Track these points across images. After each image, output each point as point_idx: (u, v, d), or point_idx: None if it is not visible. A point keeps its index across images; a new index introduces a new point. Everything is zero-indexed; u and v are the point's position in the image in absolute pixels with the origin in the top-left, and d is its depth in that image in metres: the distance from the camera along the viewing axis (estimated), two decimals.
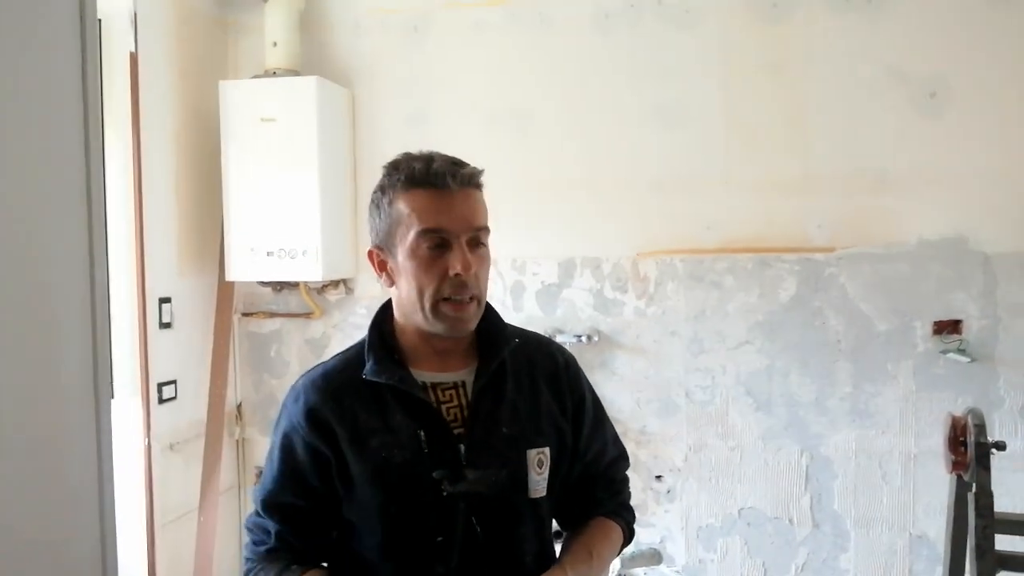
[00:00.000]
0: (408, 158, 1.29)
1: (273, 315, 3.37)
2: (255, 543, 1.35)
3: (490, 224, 1.33)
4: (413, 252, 1.25)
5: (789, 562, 3.01)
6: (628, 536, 1.46)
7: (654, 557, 2.31)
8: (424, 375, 1.31)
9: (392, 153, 1.35)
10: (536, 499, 1.30)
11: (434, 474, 1.24)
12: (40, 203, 1.24)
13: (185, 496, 3.08)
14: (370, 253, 1.34)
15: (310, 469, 1.29)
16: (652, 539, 3.07)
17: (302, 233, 3.01)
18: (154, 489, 2.85)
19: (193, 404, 3.14)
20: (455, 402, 1.30)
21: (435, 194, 1.24)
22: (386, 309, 1.37)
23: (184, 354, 3.10)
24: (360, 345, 1.35)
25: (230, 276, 3.13)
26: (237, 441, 3.39)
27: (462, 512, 1.25)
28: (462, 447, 1.26)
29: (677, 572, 2.39)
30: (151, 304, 2.88)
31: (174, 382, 3.01)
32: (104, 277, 1.35)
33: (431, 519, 1.24)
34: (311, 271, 3.04)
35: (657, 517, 3.09)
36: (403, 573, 1.27)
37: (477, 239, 1.27)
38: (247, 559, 1.37)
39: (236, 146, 3.06)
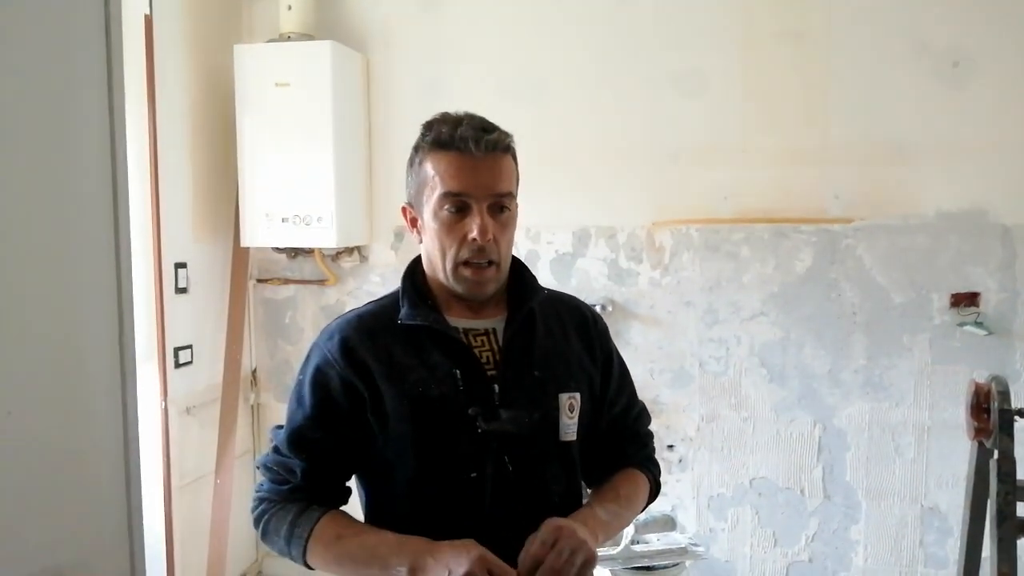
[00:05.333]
0: (440, 119, 1.29)
1: (287, 281, 3.38)
2: (275, 482, 1.31)
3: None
4: (435, 214, 1.27)
5: (800, 532, 3.03)
6: (655, 489, 1.49)
7: (667, 523, 2.33)
8: (456, 321, 1.32)
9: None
10: (566, 442, 1.32)
11: (469, 411, 1.25)
12: (66, 169, 1.25)
13: (201, 460, 3.11)
14: (403, 209, 1.37)
15: (344, 404, 1.28)
16: (663, 508, 3.09)
17: (317, 199, 3.01)
18: (171, 452, 2.88)
19: (209, 369, 3.16)
20: (487, 347, 1.32)
21: (459, 158, 1.25)
22: (417, 262, 1.38)
23: (200, 319, 3.11)
24: (392, 295, 1.37)
25: (245, 242, 3.14)
26: (252, 406, 3.41)
27: (494, 450, 1.26)
28: (496, 387, 1.28)
29: (690, 538, 2.41)
30: (167, 269, 2.89)
31: (190, 347, 3.03)
32: (128, 241, 1.36)
33: (465, 455, 1.26)
34: (326, 238, 3.04)
35: (669, 487, 3.10)
36: (436, 509, 1.27)
37: (500, 204, 1.28)
38: (262, 498, 1.32)
39: (251, 111, 3.05)
